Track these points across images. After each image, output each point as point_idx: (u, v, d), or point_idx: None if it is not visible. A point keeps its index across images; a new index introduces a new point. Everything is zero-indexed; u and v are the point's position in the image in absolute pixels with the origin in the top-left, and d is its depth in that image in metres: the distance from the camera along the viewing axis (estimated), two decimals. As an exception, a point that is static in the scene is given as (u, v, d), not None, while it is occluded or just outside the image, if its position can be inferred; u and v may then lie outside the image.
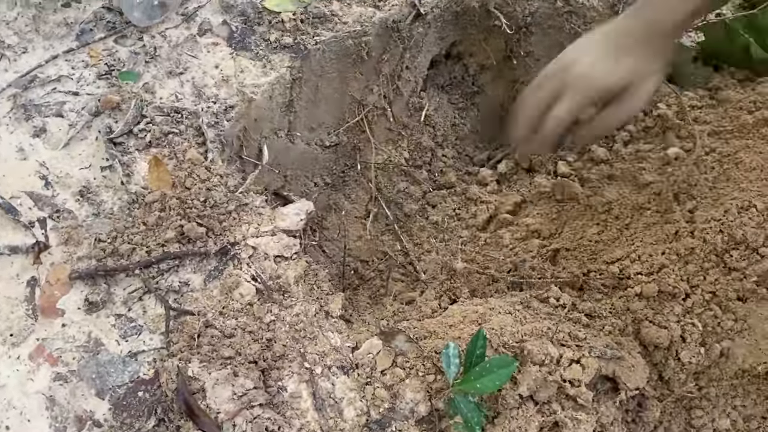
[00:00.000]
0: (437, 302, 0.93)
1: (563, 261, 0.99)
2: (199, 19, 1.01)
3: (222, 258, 0.88)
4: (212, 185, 0.90)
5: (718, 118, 1.07)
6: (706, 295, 0.90)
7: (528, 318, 0.85)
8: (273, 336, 0.84)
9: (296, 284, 0.88)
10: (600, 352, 0.82)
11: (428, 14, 1.08)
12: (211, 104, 0.95)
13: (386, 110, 1.13)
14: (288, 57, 1.00)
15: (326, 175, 1.12)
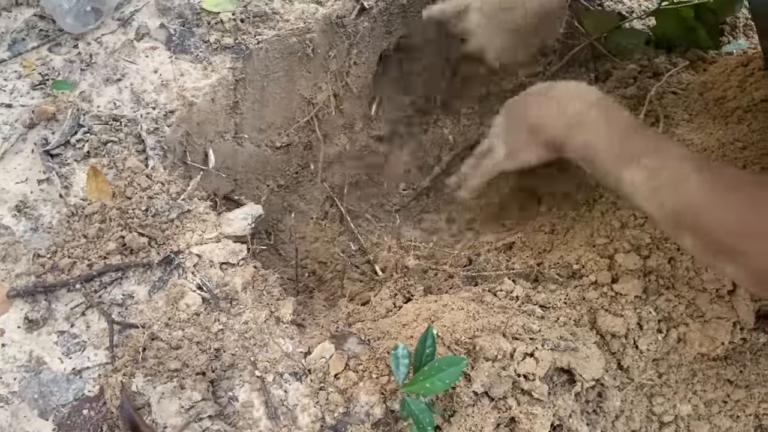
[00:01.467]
0: (392, 301, 0.91)
1: (519, 253, 0.98)
2: (135, 23, 0.98)
3: (166, 268, 0.86)
4: (153, 193, 0.88)
5: (670, 101, 1.06)
6: (660, 280, 0.89)
7: (481, 313, 0.84)
8: (221, 345, 0.83)
9: (244, 291, 0.86)
10: (554, 344, 0.81)
11: (373, 8, 1.06)
12: (150, 110, 0.93)
13: (337, 108, 1.11)
14: (229, 58, 0.98)
15: (279, 177, 1.10)
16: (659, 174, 0.72)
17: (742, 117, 0.99)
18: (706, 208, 0.70)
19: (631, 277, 0.89)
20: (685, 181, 0.70)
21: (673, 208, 0.71)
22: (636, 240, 0.91)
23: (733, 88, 1.03)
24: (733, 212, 0.68)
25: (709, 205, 0.70)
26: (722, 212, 0.69)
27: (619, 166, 0.76)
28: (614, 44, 1.18)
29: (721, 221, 0.69)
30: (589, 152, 0.80)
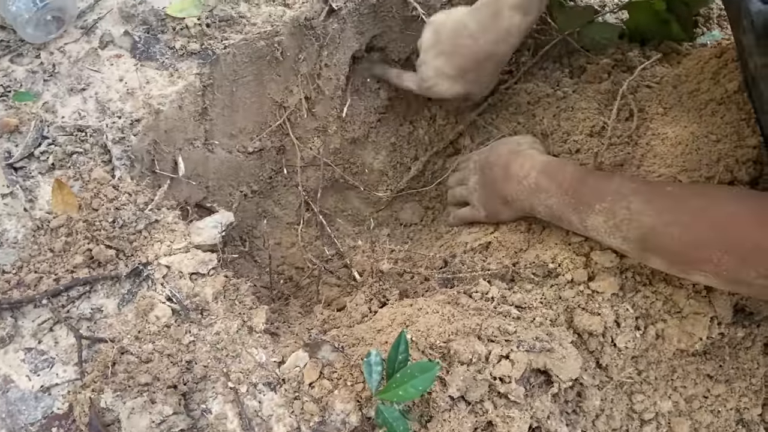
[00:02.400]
0: (367, 306, 0.90)
1: (495, 252, 0.97)
2: (99, 31, 0.96)
3: (135, 280, 0.84)
4: (121, 204, 0.87)
5: (645, 94, 1.05)
6: (637, 277, 0.89)
7: (456, 315, 0.83)
8: (193, 357, 0.81)
9: (215, 301, 0.85)
10: (529, 345, 0.80)
11: (342, 9, 1.05)
12: (116, 119, 0.91)
13: (309, 111, 1.09)
14: (196, 64, 0.97)
15: (252, 182, 1.09)
16: (614, 214, 0.80)
17: (715, 109, 0.98)
18: (661, 231, 0.77)
19: (608, 275, 0.89)
20: (637, 213, 0.78)
21: (635, 239, 0.79)
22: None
23: (707, 80, 1.02)
24: (685, 228, 0.75)
25: (662, 227, 0.76)
26: (676, 231, 0.75)
27: (580, 217, 0.85)
28: (588, 39, 1.17)
29: (677, 239, 0.75)
30: (555, 214, 0.90)
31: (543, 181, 0.90)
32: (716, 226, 0.73)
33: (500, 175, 0.98)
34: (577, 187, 0.86)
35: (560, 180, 0.88)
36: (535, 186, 0.91)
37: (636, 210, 0.78)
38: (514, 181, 0.95)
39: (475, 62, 1.01)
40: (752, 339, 0.92)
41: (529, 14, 0.98)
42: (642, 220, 0.77)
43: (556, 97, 1.12)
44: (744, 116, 0.96)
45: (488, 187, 1.01)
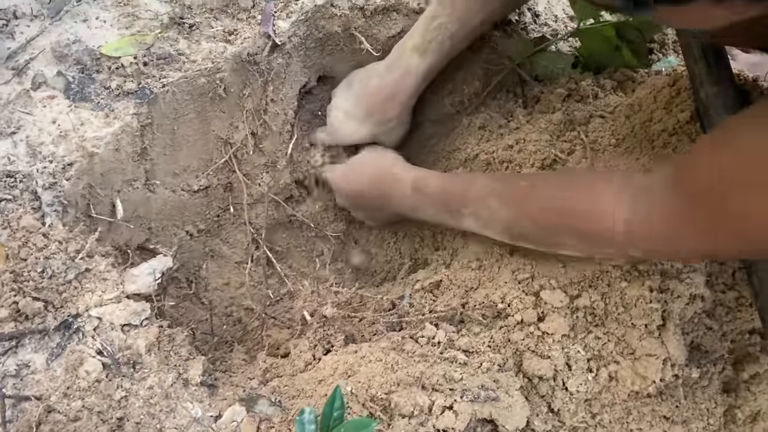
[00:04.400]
0: (311, 353, 0.87)
1: (446, 291, 0.94)
2: (31, 72, 0.93)
3: (64, 333, 0.81)
4: (50, 253, 0.84)
5: (598, 124, 1.03)
6: (588, 317, 0.86)
7: (400, 363, 0.81)
8: (124, 414, 0.78)
9: (149, 353, 0.82)
10: (474, 395, 0.77)
11: (286, 44, 1.03)
12: (47, 164, 0.88)
13: (257, 146, 1.07)
14: (133, 103, 0.94)
15: (199, 222, 1.06)
16: (480, 214, 0.90)
17: (667, 141, 0.96)
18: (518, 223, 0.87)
19: (558, 315, 0.86)
20: (496, 211, 0.88)
21: (501, 232, 0.89)
22: (561, 272, 0.88)
23: (660, 109, 1.01)
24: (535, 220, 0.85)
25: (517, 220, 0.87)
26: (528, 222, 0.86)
27: (456, 222, 0.94)
28: (541, 68, 1.16)
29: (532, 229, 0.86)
30: (436, 221, 0.99)
31: (418, 198, 0.98)
32: (564, 216, 0.82)
33: (379, 199, 1.05)
34: (444, 198, 0.95)
35: (429, 194, 0.97)
36: (413, 204, 0.99)
37: (494, 208, 0.88)
38: (396, 199, 1.02)
39: (380, 101, 1.06)
40: (709, 378, 0.90)
41: (426, 57, 1.03)
42: (500, 216, 0.87)
43: (509, 128, 1.09)
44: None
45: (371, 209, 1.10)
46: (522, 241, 0.88)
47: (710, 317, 0.90)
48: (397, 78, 1.04)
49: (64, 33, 0.96)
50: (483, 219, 0.90)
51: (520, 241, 0.89)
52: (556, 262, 0.90)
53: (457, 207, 0.93)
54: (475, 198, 0.91)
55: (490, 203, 0.88)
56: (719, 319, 0.91)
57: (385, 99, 1.06)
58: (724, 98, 0.94)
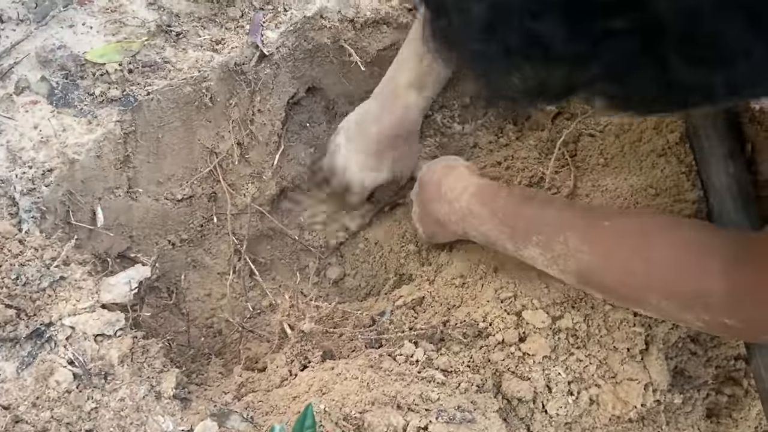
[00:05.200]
0: (287, 368, 0.86)
1: (429, 308, 0.93)
2: (15, 76, 0.93)
3: (36, 342, 0.80)
4: (26, 260, 0.83)
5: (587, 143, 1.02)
6: (570, 339, 0.85)
7: (376, 381, 0.79)
8: (94, 426, 0.77)
9: (121, 364, 0.80)
10: (449, 416, 0.76)
11: (274, 55, 1.02)
12: (27, 169, 0.88)
13: (243, 157, 1.06)
14: (116, 111, 0.93)
15: (182, 231, 1.05)
16: (551, 247, 0.78)
17: (656, 161, 0.96)
18: (598, 269, 0.76)
19: (539, 336, 0.85)
20: (573, 249, 0.75)
21: (572, 272, 0.77)
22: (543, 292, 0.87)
23: (649, 129, 1.00)
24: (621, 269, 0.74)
25: (599, 265, 0.75)
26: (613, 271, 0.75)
27: (516, 246, 0.82)
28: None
29: (614, 279, 0.75)
30: (489, 240, 0.87)
31: (475, 206, 0.87)
32: (654, 270, 0.71)
33: (433, 195, 0.96)
34: (512, 217, 0.83)
35: (494, 207, 0.85)
36: (467, 210, 0.88)
37: (573, 246, 0.75)
38: (445, 202, 0.92)
39: (388, 144, 1.04)
40: (692, 404, 0.88)
41: (425, 91, 1.02)
42: (579, 257, 0.75)
43: (499, 144, 1.09)
44: (684, 169, 0.94)
45: (423, 206, 0.99)
46: (595, 290, 0.79)
47: (694, 342, 0.89)
48: (399, 117, 1.02)
49: (49, 38, 0.95)
50: (554, 253, 0.77)
51: (592, 289, 0.79)
52: (539, 282, 0.89)
53: (525, 231, 0.81)
54: (551, 225, 0.79)
55: (569, 238, 0.76)
56: (704, 345, 0.89)
57: (393, 140, 1.04)
58: (714, 120, 0.94)
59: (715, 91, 0.41)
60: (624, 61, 0.39)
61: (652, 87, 0.41)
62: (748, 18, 0.35)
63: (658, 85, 0.40)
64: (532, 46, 0.40)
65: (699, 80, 0.39)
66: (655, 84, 0.40)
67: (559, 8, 0.38)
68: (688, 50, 0.37)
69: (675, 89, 0.41)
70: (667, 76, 0.39)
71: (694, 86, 0.40)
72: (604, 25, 0.38)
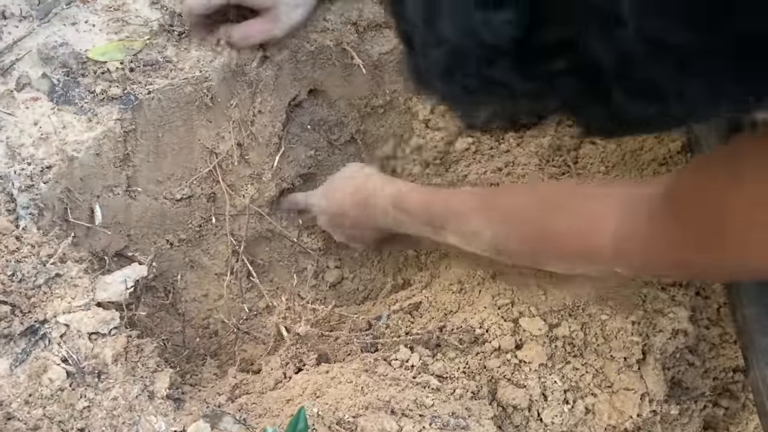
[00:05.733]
0: (282, 371, 0.86)
1: (425, 313, 0.93)
2: (16, 72, 0.93)
3: (30, 339, 0.80)
4: (22, 256, 0.83)
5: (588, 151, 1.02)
6: (567, 347, 0.84)
7: (371, 386, 0.79)
8: (86, 425, 0.77)
9: (115, 363, 0.80)
10: (443, 422, 0.76)
11: (276, 56, 1.02)
12: (25, 166, 0.88)
13: (242, 157, 1.06)
14: (117, 109, 0.93)
15: (180, 231, 1.05)
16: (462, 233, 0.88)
17: (656, 170, 0.96)
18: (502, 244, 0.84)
19: (536, 344, 0.85)
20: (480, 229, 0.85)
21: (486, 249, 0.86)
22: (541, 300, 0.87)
23: (651, 139, 1.00)
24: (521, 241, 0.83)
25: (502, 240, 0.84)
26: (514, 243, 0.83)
27: (440, 238, 0.91)
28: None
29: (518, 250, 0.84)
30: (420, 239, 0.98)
31: (399, 215, 0.96)
32: (547, 239, 0.80)
33: (361, 217, 1.02)
34: (426, 216, 0.93)
35: (410, 210, 0.94)
36: (395, 221, 0.97)
37: (477, 227, 0.85)
38: (380, 216, 0.99)
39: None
40: (689, 416, 0.88)
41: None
42: (484, 235, 0.85)
43: (500, 150, 1.09)
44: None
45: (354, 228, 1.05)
46: (509, 260, 0.87)
47: (693, 353, 0.88)
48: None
49: (51, 35, 0.96)
50: (466, 237, 0.87)
51: (506, 259, 0.87)
52: (537, 290, 0.88)
53: (440, 224, 0.90)
54: (458, 214, 0.89)
55: (472, 221, 0.86)
56: (702, 356, 0.89)
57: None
58: (716, 129, 0.93)
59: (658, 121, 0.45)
60: (576, 95, 0.42)
61: (605, 117, 0.44)
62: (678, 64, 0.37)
63: (609, 115, 0.43)
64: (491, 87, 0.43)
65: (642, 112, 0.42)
66: (607, 114, 0.43)
67: (509, 55, 0.40)
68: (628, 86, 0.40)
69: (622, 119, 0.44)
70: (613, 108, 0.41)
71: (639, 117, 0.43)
72: (549, 67, 0.41)
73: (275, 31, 0.97)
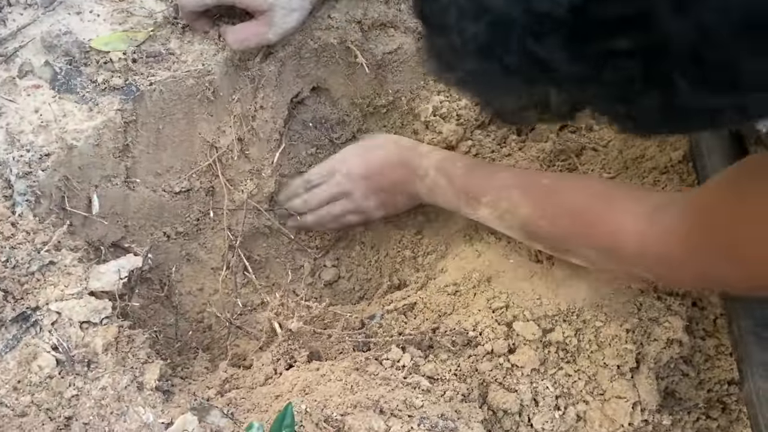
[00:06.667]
0: (272, 367, 0.85)
1: (420, 314, 0.92)
2: (19, 59, 0.93)
3: (22, 325, 0.80)
4: (17, 243, 0.83)
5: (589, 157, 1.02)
6: (560, 353, 0.84)
7: (361, 384, 0.79)
8: (73, 413, 0.76)
9: (105, 353, 0.80)
10: (432, 423, 0.75)
11: (279, 51, 1.02)
12: (24, 152, 0.88)
13: (243, 152, 1.06)
14: (118, 99, 0.93)
15: (177, 224, 1.05)
16: (497, 206, 0.88)
17: (657, 178, 0.95)
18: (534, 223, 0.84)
19: (529, 348, 0.84)
20: (515, 205, 0.85)
21: (516, 228, 0.87)
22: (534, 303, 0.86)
23: (653, 146, 0.99)
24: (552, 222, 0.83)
25: (535, 219, 0.84)
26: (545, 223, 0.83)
27: (472, 209, 0.92)
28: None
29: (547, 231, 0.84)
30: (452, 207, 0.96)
31: (440, 179, 0.96)
32: (578, 223, 0.80)
33: (400, 177, 1.01)
34: (465, 182, 0.92)
35: (451, 175, 0.94)
36: (433, 184, 0.97)
37: (515, 202, 0.85)
38: (417, 179, 0.99)
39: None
40: (682, 426, 0.87)
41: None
42: (519, 212, 0.85)
43: (501, 154, 1.08)
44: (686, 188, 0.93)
45: (387, 190, 1.04)
46: (535, 241, 0.87)
47: (687, 363, 0.87)
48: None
49: (55, 24, 0.96)
50: (500, 210, 0.87)
51: (532, 241, 0.87)
52: (532, 294, 0.88)
53: (476, 193, 0.90)
54: (498, 186, 0.88)
55: (511, 195, 0.86)
56: (696, 367, 0.88)
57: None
58: (719, 140, 0.93)
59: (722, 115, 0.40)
60: (626, 82, 0.39)
61: (655, 108, 0.40)
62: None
63: (661, 107, 0.40)
64: (533, 66, 0.39)
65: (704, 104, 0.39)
66: (658, 105, 0.40)
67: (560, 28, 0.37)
68: (695, 73, 0.36)
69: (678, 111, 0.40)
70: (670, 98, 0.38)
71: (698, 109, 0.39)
72: (607, 45, 0.37)
73: (269, 35, 0.96)
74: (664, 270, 0.75)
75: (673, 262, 0.72)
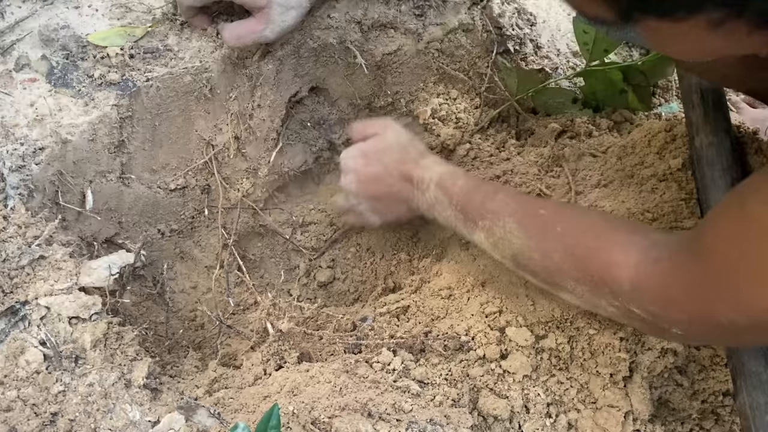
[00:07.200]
0: (262, 367, 0.85)
1: (413, 318, 0.92)
2: (16, 53, 0.93)
3: (10, 319, 0.79)
4: (8, 236, 0.83)
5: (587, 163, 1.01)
6: (553, 360, 0.83)
7: (350, 387, 0.78)
8: (59, 409, 0.76)
9: (93, 349, 0.80)
10: (420, 428, 0.74)
11: (278, 50, 1.01)
12: (18, 146, 0.88)
13: (239, 151, 1.05)
14: (114, 94, 0.93)
15: (172, 221, 1.04)
16: (492, 232, 0.85)
17: (656, 186, 0.94)
18: (527, 254, 0.81)
19: (521, 354, 0.83)
20: (509, 234, 0.82)
21: (508, 257, 0.84)
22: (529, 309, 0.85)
23: (652, 154, 0.98)
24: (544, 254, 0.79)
25: (527, 251, 0.81)
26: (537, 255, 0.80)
27: (468, 231, 0.90)
28: (541, 102, 1.14)
29: (539, 263, 0.80)
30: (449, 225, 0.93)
31: (439, 194, 0.94)
32: (571, 256, 0.77)
33: (401, 190, 0.99)
34: (464, 203, 0.90)
35: (451, 194, 0.92)
36: (432, 199, 0.95)
37: (509, 231, 0.83)
38: (419, 193, 0.97)
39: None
40: (674, 437, 0.86)
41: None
42: (513, 242, 0.82)
43: (500, 158, 1.07)
44: (684, 196, 0.92)
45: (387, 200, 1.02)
46: (527, 273, 0.83)
47: (681, 374, 0.86)
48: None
49: (53, 17, 0.96)
50: (495, 238, 0.84)
51: (524, 272, 0.84)
52: (526, 300, 0.87)
53: (473, 217, 0.88)
54: (494, 212, 0.86)
55: (507, 224, 0.83)
56: (691, 377, 0.87)
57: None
58: (718, 148, 0.92)
59: None
60: None
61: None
62: None
63: None
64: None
65: None
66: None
67: None
68: None
69: None
70: None
71: None
72: None
73: (266, 33, 0.95)
74: (660, 309, 0.70)
75: (669, 301, 0.68)
